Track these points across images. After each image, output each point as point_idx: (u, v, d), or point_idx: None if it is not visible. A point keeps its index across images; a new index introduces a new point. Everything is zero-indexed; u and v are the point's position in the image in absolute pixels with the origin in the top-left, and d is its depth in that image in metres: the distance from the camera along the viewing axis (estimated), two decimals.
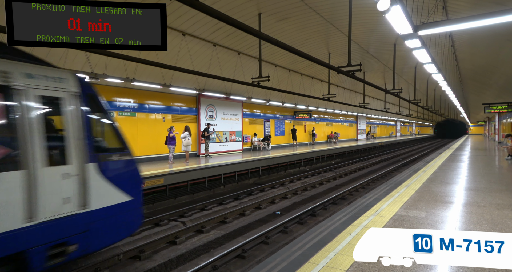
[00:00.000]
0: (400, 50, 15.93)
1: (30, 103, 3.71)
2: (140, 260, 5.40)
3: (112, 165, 4.60)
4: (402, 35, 6.60)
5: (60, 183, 3.90)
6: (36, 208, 3.61)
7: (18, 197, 3.47)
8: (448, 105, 42.96)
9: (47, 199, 3.73)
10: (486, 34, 11.89)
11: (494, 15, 5.27)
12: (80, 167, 4.10)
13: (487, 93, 26.48)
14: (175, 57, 11.62)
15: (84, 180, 4.11)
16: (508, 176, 9.33)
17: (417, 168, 10.98)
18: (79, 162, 4.10)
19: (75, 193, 4.01)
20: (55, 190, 3.83)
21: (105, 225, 4.43)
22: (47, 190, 3.73)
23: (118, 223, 4.67)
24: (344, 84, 25.67)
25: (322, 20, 12.86)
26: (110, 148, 4.75)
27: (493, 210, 5.17)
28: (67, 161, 4.00)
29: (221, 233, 6.71)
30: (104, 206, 4.37)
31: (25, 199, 3.51)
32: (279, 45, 6.76)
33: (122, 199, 4.62)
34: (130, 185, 4.83)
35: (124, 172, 4.87)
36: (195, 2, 4.37)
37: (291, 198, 10.03)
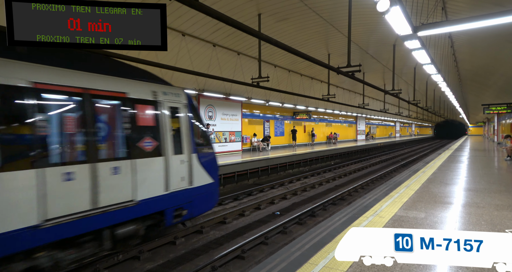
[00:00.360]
0: (399, 50, 15.95)
1: (165, 111, 5.52)
2: (139, 260, 5.39)
3: (203, 156, 6.31)
4: (401, 36, 6.62)
5: (179, 167, 5.67)
6: (169, 182, 5.43)
7: (162, 174, 5.30)
8: (447, 106, 43.01)
9: (174, 177, 5.53)
10: (486, 35, 11.91)
11: (493, 16, 5.28)
12: (189, 156, 5.90)
13: (486, 94, 26.52)
14: (174, 58, 11.62)
15: (190, 165, 5.91)
16: (507, 177, 9.35)
17: (417, 169, 10.99)
18: (188, 152, 5.90)
19: (186, 174, 5.82)
20: (177, 171, 5.61)
21: (200, 198, 6.18)
22: (174, 171, 5.53)
23: (207, 198, 6.44)
24: (343, 85, 25.69)
25: (321, 20, 12.88)
26: (202, 143, 6.43)
27: (492, 211, 5.17)
28: (182, 151, 5.77)
29: (221, 234, 6.71)
30: (200, 185, 6.14)
31: (164, 175, 5.34)
32: (279, 45, 6.76)
33: (209, 181, 6.40)
34: (213, 171, 6.56)
35: (209, 161, 6.49)
36: (194, 2, 4.37)
37: (291, 199, 10.03)
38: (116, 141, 4.83)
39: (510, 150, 13.19)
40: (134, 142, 4.96)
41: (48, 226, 3.83)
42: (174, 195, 5.50)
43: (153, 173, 5.19)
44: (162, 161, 5.31)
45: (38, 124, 3.95)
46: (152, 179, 5.17)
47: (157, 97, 5.40)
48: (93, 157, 4.39)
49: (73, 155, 4.36)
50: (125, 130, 4.89)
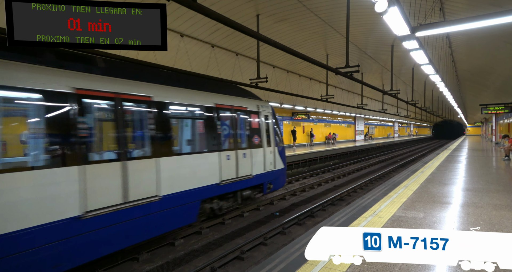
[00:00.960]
0: (397, 51, 16.00)
1: (262, 118, 8.47)
2: (138, 261, 5.38)
3: (280, 149, 9.21)
4: (399, 36, 6.64)
5: (269, 155, 8.61)
6: (266, 165, 8.38)
7: (261, 159, 8.22)
8: (445, 106, 43.17)
9: (268, 161, 8.49)
10: (483, 35, 11.97)
11: (490, 16, 5.31)
12: (274, 148, 8.85)
13: (484, 94, 26.64)
14: (173, 58, 11.62)
15: (275, 155, 8.86)
16: (505, 176, 9.38)
17: (415, 169, 11.02)
18: (273, 146, 8.84)
19: (273, 160, 8.75)
20: (269, 158, 8.57)
21: (278, 178, 9.10)
22: (267, 157, 8.49)
23: (281, 179, 9.34)
24: (342, 85, 25.75)
25: (320, 21, 12.91)
26: (278, 140, 9.18)
27: (491, 210, 5.19)
28: (270, 145, 8.70)
29: (220, 235, 6.70)
30: (279, 168, 9.09)
31: (263, 160, 8.28)
32: (278, 46, 6.77)
33: (282, 166, 9.29)
34: (284, 160, 9.47)
35: (282, 152, 9.39)
36: (193, 3, 4.37)
37: (290, 199, 10.03)
38: (243, 137, 7.79)
39: (508, 150, 13.25)
40: (251, 138, 7.99)
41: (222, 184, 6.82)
42: (268, 173, 8.46)
43: (259, 158, 8.12)
44: (262, 151, 8.29)
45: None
46: (258, 162, 8.10)
47: (259, 109, 8.44)
48: (236, 146, 7.39)
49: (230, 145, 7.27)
50: (247, 130, 7.94)
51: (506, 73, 17.12)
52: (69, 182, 4.09)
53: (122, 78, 5.14)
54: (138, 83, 5.39)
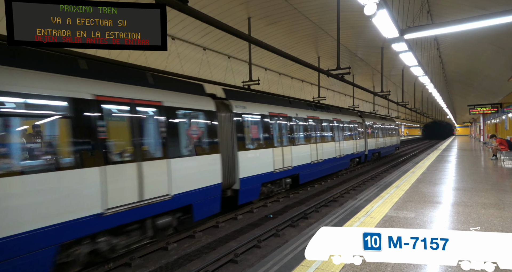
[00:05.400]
0: (387, 53, 16.23)
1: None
2: (131, 267, 5.31)
3: None
4: (389, 38, 6.75)
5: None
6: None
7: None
8: (435, 106, 43.89)
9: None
10: (469, 37, 12.23)
11: (476, 19, 5.43)
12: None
13: (472, 94, 27.16)
14: (164, 61, 11.57)
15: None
16: (493, 175, 9.57)
17: (406, 169, 11.16)
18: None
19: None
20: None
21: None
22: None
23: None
24: (333, 87, 25.97)
25: (311, 24, 13.02)
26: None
27: (480, 209, 5.29)
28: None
29: (213, 238, 6.66)
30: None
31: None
32: (269, 49, 6.80)
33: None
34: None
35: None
36: (184, 6, 4.36)
37: (283, 201, 10.04)
38: None
39: (495, 149, 13.52)
40: None
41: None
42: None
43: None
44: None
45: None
46: None
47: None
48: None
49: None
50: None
51: (492, 74, 17.51)
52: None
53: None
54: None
